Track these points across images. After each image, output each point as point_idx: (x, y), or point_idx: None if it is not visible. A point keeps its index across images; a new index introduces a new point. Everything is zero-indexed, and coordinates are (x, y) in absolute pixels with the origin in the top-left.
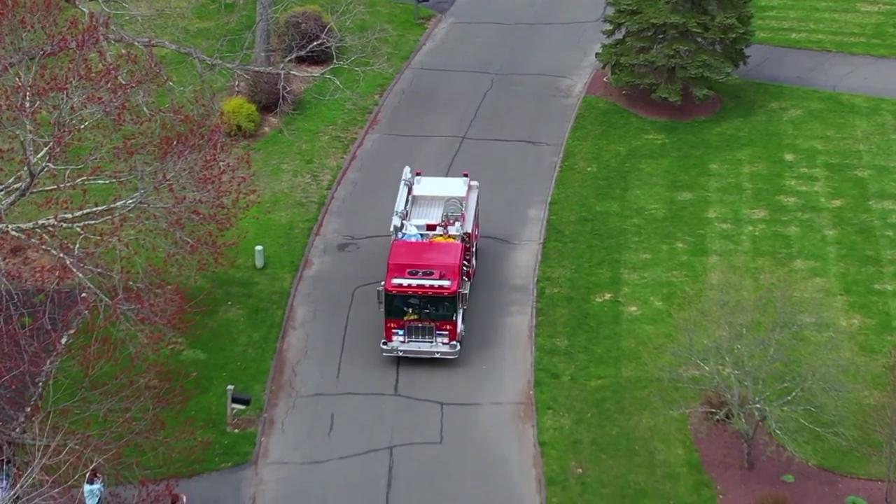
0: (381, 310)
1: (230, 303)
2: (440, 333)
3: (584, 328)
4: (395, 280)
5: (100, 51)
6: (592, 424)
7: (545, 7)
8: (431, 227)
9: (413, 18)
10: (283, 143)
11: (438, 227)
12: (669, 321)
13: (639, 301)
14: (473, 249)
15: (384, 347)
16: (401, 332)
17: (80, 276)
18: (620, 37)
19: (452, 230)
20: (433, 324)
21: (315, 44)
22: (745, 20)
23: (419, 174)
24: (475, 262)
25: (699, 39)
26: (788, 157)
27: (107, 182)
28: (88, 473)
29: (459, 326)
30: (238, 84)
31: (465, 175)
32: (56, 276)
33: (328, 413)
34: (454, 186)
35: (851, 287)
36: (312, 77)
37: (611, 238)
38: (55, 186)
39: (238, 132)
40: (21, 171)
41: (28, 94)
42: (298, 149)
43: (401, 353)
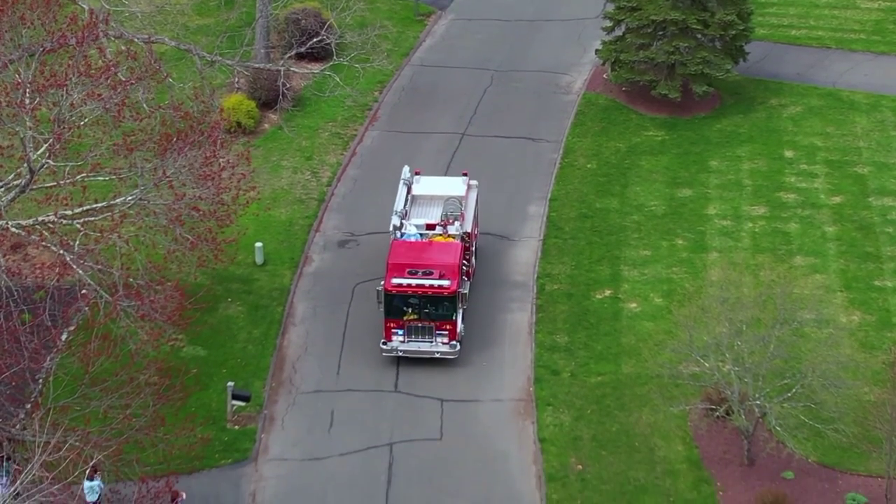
0: (381, 309)
1: (230, 299)
2: (440, 333)
3: (584, 325)
4: (395, 280)
5: (99, 47)
6: (592, 421)
7: (545, 3)
8: (431, 227)
9: (413, 15)
10: (283, 140)
11: (438, 227)
12: (669, 318)
13: (639, 297)
14: (473, 249)
15: (384, 347)
16: (400, 332)
17: (81, 273)
18: (620, 33)
19: (452, 229)
20: (433, 324)
21: (315, 40)
22: (745, 17)
23: (418, 173)
24: (475, 262)
25: (699, 36)
26: (788, 154)
27: (107, 179)
28: (88, 470)
29: (459, 326)
30: (238, 81)
31: (465, 174)
32: (56, 273)
33: (328, 410)
34: (453, 186)
35: (851, 283)
36: (312, 74)
37: (611, 235)
38: (55, 183)
39: (238, 129)
40: (21, 168)
41: (28, 91)
42: (298, 145)
43: (400, 353)
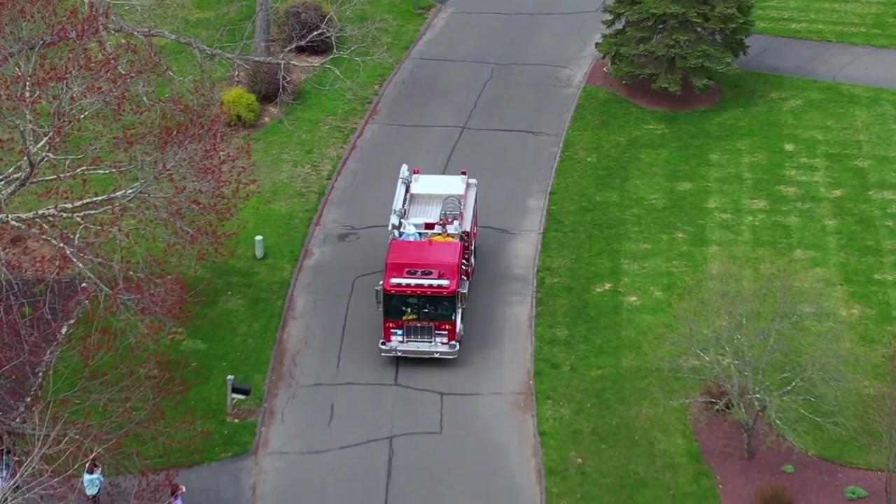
0: (380, 309)
1: (230, 293)
2: (439, 333)
3: (584, 318)
4: (394, 279)
5: (99, 40)
6: (592, 414)
7: None
8: (430, 226)
9: (413, 8)
10: (283, 133)
11: (437, 226)
12: (669, 311)
13: (639, 291)
14: (472, 248)
15: (383, 347)
16: (399, 332)
17: (81, 266)
18: (620, 27)
19: (451, 229)
20: (432, 323)
21: (315, 34)
22: (745, 10)
23: (417, 172)
24: (474, 261)
25: (699, 29)
26: (788, 147)
27: (107, 172)
28: (88, 463)
29: (459, 326)
30: (238, 74)
31: (464, 173)
32: (56, 266)
33: (328, 403)
34: (452, 184)
35: (851, 277)
36: (312, 67)
37: (611, 228)
38: (55, 176)
39: (238, 122)
40: (21, 161)
41: (28, 84)
42: (298, 139)
43: (399, 353)
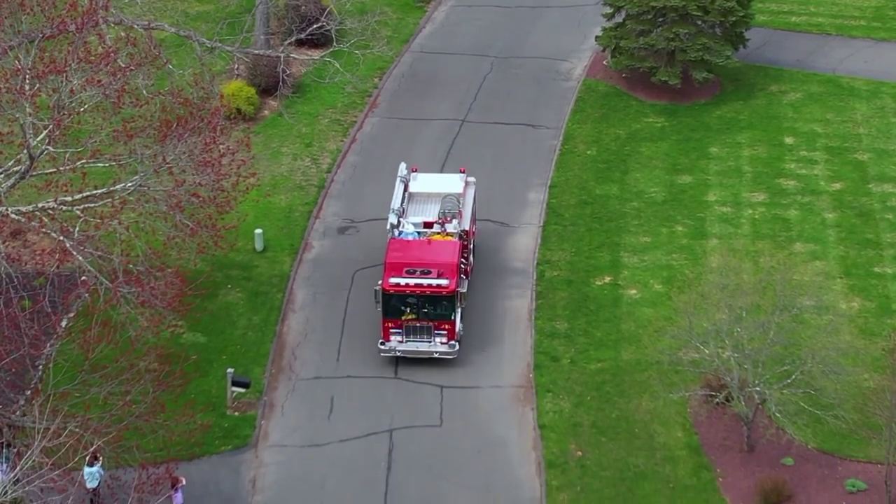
0: (379, 309)
1: (230, 286)
2: (438, 333)
3: (584, 311)
4: (393, 279)
5: (99, 34)
6: (592, 407)
7: None
8: (429, 225)
9: (413, 1)
10: (283, 127)
11: (436, 225)
12: (669, 304)
13: (639, 284)
14: (471, 247)
15: (382, 348)
16: (399, 332)
17: (81, 259)
18: (620, 20)
19: (450, 227)
20: (431, 323)
21: (315, 27)
22: (745, 3)
23: (415, 170)
24: (473, 260)
25: (699, 22)
26: (788, 141)
27: (106, 165)
28: (88, 456)
29: (458, 325)
30: (238, 67)
31: (462, 171)
32: (56, 260)
33: (328, 396)
34: (451, 183)
35: (851, 270)
36: (312, 60)
37: (610, 221)
38: (55, 169)
39: (238, 115)
40: (21, 155)
41: (27, 77)
42: (298, 132)
43: (399, 354)
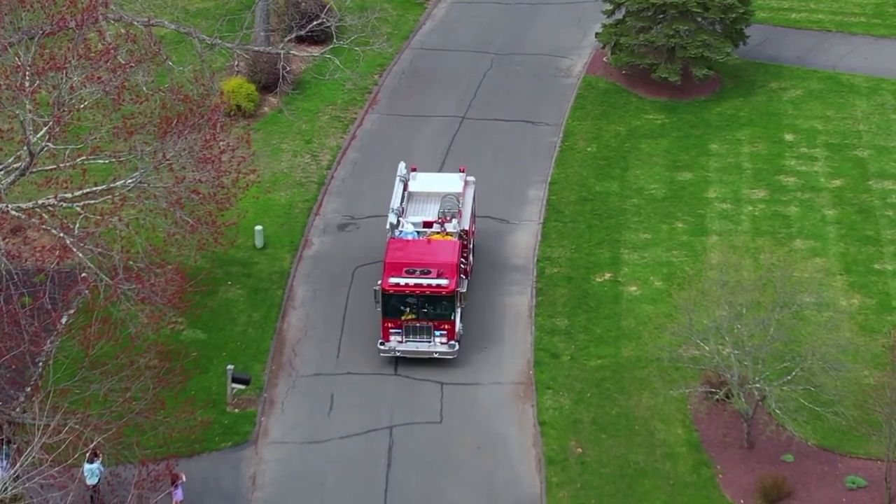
0: (378, 309)
1: (230, 283)
2: (438, 333)
3: (584, 308)
4: (392, 279)
5: (99, 30)
6: (592, 404)
7: None
8: (428, 225)
9: None
10: (283, 123)
11: (435, 224)
12: (669, 301)
13: (639, 281)
14: (471, 246)
15: (381, 348)
16: (398, 332)
17: (81, 256)
18: (620, 17)
19: (450, 227)
20: (431, 323)
21: (315, 23)
22: (745, 0)
23: (415, 170)
24: (472, 259)
25: (699, 19)
26: (788, 137)
27: (106, 162)
28: (89, 453)
29: (458, 325)
30: (238, 64)
31: (462, 170)
32: (56, 256)
33: (328, 393)
34: (450, 182)
35: (851, 267)
36: (312, 57)
37: (610, 218)
38: (55, 166)
39: (238, 112)
40: (21, 151)
41: (27, 74)
42: (298, 129)
43: (398, 354)
